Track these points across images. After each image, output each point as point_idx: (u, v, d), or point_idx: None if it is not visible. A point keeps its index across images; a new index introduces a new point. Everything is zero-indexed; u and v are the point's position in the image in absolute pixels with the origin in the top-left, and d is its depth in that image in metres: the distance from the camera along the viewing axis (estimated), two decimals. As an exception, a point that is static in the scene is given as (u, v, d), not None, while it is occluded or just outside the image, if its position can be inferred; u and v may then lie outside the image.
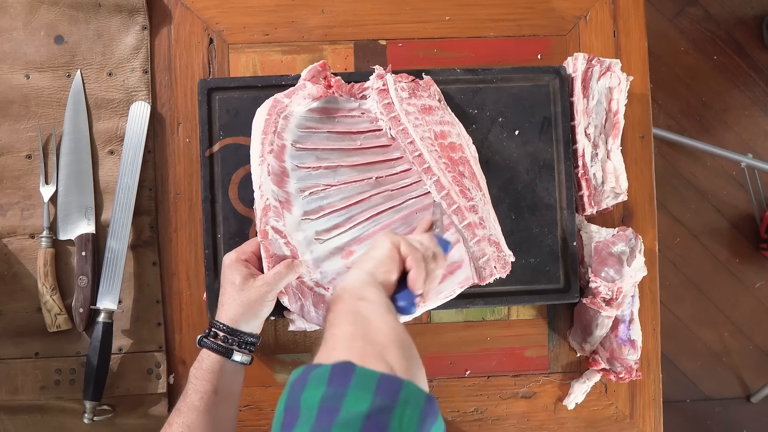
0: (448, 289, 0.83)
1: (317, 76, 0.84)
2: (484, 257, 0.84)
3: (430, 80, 0.87)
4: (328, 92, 0.84)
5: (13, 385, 0.87)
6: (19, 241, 0.88)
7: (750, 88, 1.91)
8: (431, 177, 0.84)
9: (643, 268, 0.89)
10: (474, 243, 0.83)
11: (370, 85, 0.86)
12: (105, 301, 0.86)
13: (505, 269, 0.85)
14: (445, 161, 0.84)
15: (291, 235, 0.81)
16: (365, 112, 0.86)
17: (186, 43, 0.92)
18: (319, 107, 0.85)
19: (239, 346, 0.76)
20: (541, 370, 0.93)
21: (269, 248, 0.79)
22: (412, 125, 0.84)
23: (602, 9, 0.96)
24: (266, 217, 0.80)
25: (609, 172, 0.90)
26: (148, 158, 0.90)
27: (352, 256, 0.83)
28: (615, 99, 0.91)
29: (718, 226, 1.90)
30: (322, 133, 0.85)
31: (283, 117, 0.82)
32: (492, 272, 0.84)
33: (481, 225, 0.84)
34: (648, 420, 0.94)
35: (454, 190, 0.83)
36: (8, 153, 0.89)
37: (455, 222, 0.83)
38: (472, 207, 0.84)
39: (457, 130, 0.87)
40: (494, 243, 0.84)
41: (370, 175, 0.85)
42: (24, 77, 0.89)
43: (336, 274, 0.83)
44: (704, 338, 1.89)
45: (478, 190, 0.85)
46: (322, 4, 0.93)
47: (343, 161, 0.85)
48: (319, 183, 0.84)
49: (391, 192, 0.85)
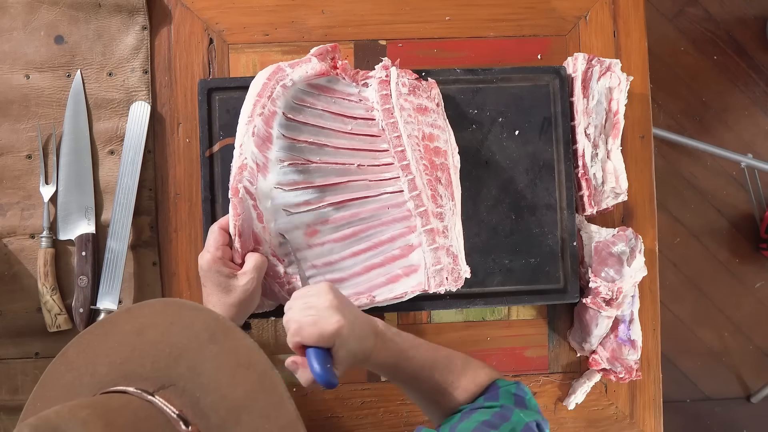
0: (400, 290, 0.83)
1: (325, 55, 0.84)
2: (439, 266, 0.83)
3: (433, 83, 0.87)
4: (332, 72, 0.84)
5: (13, 385, 0.87)
6: (19, 241, 0.88)
7: (750, 88, 1.91)
8: (407, 175, 0.84)
9: (643, 268, 0.89)
10: (431, 249, 0.83)
11: (374, 74, 0.86)
12: (105, 301, 0.86)
13: (457, 283, 0.84)
14: (425, 163, 0.84)
15: (260, 200, 0.81)
16: (363, 100, 0.86)
17: (186, 43, 0.92)
18: (319, 84, 0.85)
19: None
20: (541, 370, 0.93)
21: (237, 206, 0.79)
22: (403, 120, 0.84)
23: (602, 9, 0.96)
24: (240, 176, 0.79)
25: (609, 172, 0.90)
26: (148, 158, 0.90)
27: (315, 236, 0.83)
28: (615, 99, 0.91)
29: (718, 226, 1.90)
30: (316, 110, 0.84)
31: (282, 85, 0.82)
32: (443, 282, 0.83)
33: (444, 234, 0.84)
34: (648, 420, 0.94)
35: (425, 193, 0.83)
36: (8, 153, 0.89)
37: (418, 225, 0.83)
38: (438, 214, 0.84)
39: (446, 137, 0.87)
40: (452, 255, 0.84)
41: (352, 161, 0.85)
42: (24, 77, 0.89)
43: (296, 248, 0.82)
44: (704, 338, 1.89)
45: (450, 199, 0.85)
46: (322, 4, 0.93)
47: (329, 141, 0.85)
48: (301, 157, 0.83)
49: (369, 182, 0.85)
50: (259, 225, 0.80)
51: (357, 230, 0.84)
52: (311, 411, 0.91)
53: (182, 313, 0.52)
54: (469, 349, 0.92)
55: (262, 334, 0.90)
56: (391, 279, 0.84)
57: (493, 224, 0.89)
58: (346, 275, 0.84)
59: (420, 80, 0.87)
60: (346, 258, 0.84)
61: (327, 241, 0.84)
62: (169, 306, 0.53)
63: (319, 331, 0.65)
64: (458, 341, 0.92)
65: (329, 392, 0.91)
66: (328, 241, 0.84)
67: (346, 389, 0.92)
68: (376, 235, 0.85)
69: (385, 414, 0.92)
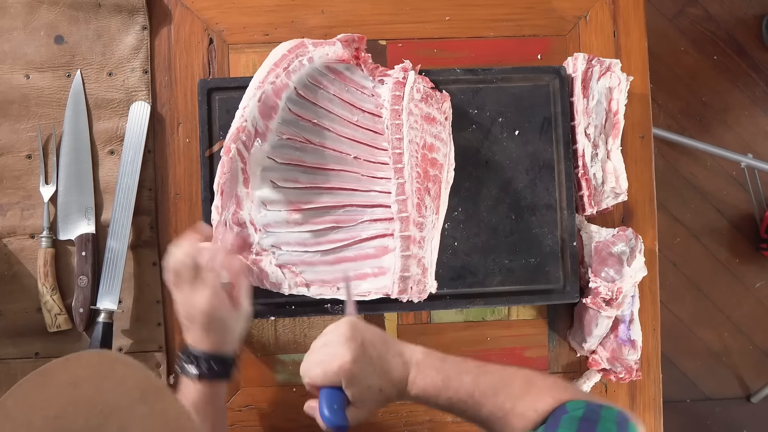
0: (364, 289, 0.83)
1: (350, 42, 0.85)
2: (406, 273, 0.83)
3: (447, 96, 0.88)
4: (352, 60, 0.85)
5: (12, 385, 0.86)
6: (19, 241, 0.88)
7: (750, 88, 1.91)
8: (399, 178, 0.84)
9: (643, 268, 0.89)
10: (403, 256, 0.82)
11: (392, 73, 0.87)
12: (105, 301, 0.86)
13: (420, 295, 0.83)
14: (420, 171, 0.84)
15: (250, 165, 0.81)
16: (375, 95, 0.86)
17: (186, 43, 0.92)
18: (337, 69, 0.85)
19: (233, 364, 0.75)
20: (541, 370, 0.93)
21: (225, 164, 0.79)
22: (408, 125, 0.84)
23: (602, 9, 0.96)
24: (237, 137, 0.80)
25: (609, 172, 0.90)
26: (148, 158, 0.90)
27: (296, 215, 0.83)
28: (615, 99, 0.91)
29: (718, 226, 1.90)
30: (328, 93, 0.85)
31: (300, 60, 0.82)
32: (406, 290, 0.83)
33: (419, 244, 0.83)
34: (648, 420, 0.94)
35: (412, 200, 0.83)
36: (8, 153, 0.89)
37: (396, 229, 0.83)
38: (419, 223, 0.83)
39: (446, 150, 0.87)
40: (422, 266, 0.84)
41: (351, 151, 0.85)
42: (24, 77, 0.89)
43: (274, 221, 0.83)
44: (704, 338, 1.89)
45: (435, 213, 0.85)
46: (322, 4, 0.93)
47: (333, 127, 0.85)
48: (301, 135, 0.84)
49: (361, 176, 0.85)
50: (244, 189, 0.81)
51: (338, 220, 0.85)
52: (311, 411, 0.91)
53: (116, 368, 0.51)
54: (470, 349, 0.92)
55: (262, 335, 0.91)
56: (359, 276, 0.84)
57: (493, 224, 0.89)
58: (316, 260, 0.84)
59: (435, 90, 0.87)
60: (321, 243, 0.84)
61: (306, 222, 0.84)
62: (104, 359, 0.53)
63: (323, 370, 0.63)
64: (458, 341, 0.92)
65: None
66: (307, 223, 0.84)
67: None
68: (355, 230, 0.85)
69: (385, 414, 0.92)
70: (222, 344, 0.74)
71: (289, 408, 0.91)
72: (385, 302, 0.85)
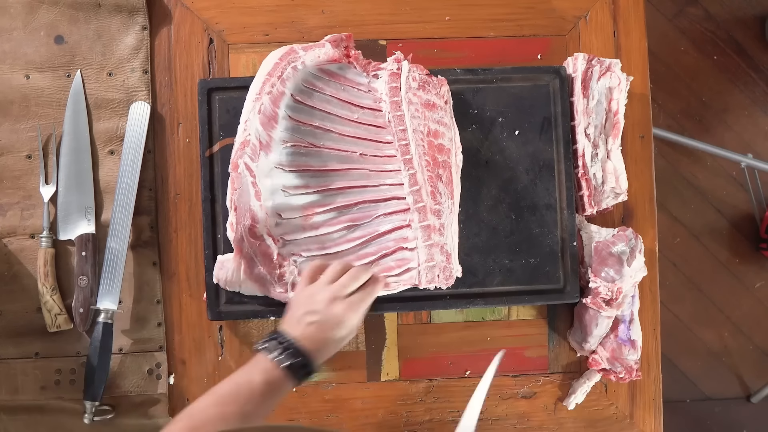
0: (394, 283, 0.84)
1: (339, 42, 0.85)
2: (431, 262, 0.84)
3: (443, 81, 0.87)
4: (344, 59, 0.85)
5: (13, 385, 0.87)
6: (19, 241, 0.88)
7: (750, 88, 1.91)
8: (409, 169, 0.84)
9: (643, 268, 0.89)
10: (426, 245, 0.83)
11: (385, 66, 0.87)
12: (105, 301, 0.86)
13: (447, 281, 0.84)
14: (428, 159, 0.84)
15: (259, 178, 0.81)
16: (372, 90, 0.86)
17: (186, 43, 0.92)
18: (330, 70, 0.85)
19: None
20: (541, 370, 0.93)
21: (236, 181, 0.81)
22: (409, 114, 0.84)
23: (602, 9, 0.96)
24: (242, 152, 0.81)
25: (609, 172, 0.90)
26: (148, 158, 0.90)
27: (311, 220, 0.83)
28: (615, 99, 0.91)
29: (718, 226, 1.90)
30: (325, 95, 0.85)
31: (293, 67, 0.83)
32: (434, 279, 0.84)
33: (440, 232, 0.84)
34: (648, 420, 0.94)
35: (425, 189, 0.84)
36: (8, 153, 0.89)
37: (415, 220, 0.83)
38: (436, 211, 0.84)
39: (451, 134, 0.87)
40: (446, 253, 0.84)
41: (356, 149, 0.85)
42: (24, 77, 0.89)
43: (290, 229, 0.83)
44: (704, 338, 1.89)
45: (449, 198, 0.85)
46: (322, 4, 0.93)
47: (335, 127, 0.85)
48: (304, 139, 0.84)
49: (370, 172, 0.85)
50: (257, 203, 0.81)
51: (353, 218, 0.85)
52: (311, 411, 0.91)
53: None
54: (470, 349, 0.92)
55: (262, 335, 0.90)
56: (383, 270, 0.84)
57: (493, 224, 0.89)
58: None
59: (430, 76, 0.87)
60: (340, 244, 0.84)
61: (322, 225, 0.84)
62: None
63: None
64: (458, 341, 0.92)
65: (329, 392, 0.91)
66: (324, 225, 0.84)
67: (346, 389, 0.92)
68: (372, 226, 0.85)
69: (385, 414, 0.92)
70: (327, 355, 0.75)
71: (289, 408, 0.91)
72: (386, 302, 0.85)
